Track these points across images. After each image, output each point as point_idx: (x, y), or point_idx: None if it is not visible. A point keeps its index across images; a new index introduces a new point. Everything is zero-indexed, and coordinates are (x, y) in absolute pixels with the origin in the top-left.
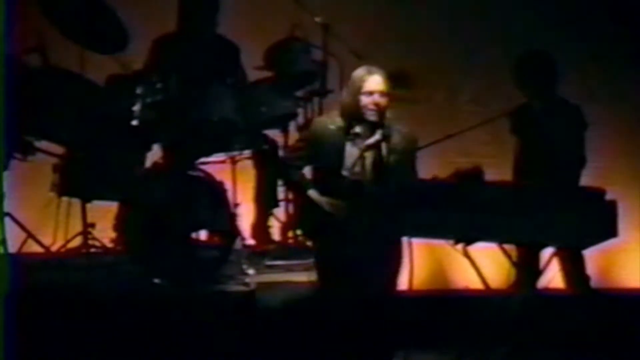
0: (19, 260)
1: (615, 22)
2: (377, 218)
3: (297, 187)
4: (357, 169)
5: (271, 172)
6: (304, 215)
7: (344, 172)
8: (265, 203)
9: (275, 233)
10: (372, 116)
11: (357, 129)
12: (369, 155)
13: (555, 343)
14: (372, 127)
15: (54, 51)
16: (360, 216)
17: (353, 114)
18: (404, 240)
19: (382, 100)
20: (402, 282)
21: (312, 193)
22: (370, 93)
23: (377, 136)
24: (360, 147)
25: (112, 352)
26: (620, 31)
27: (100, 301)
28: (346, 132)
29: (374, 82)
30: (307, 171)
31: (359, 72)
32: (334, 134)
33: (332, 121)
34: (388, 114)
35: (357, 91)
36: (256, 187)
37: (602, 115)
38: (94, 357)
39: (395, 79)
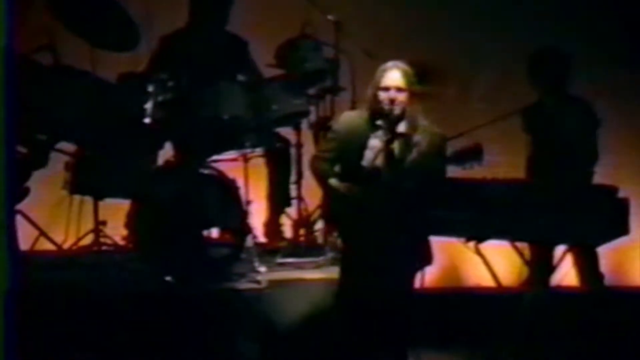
0: (30, 258)
1: (625, 19)
2: (395, 208)
3: (321, 178)
4: (378, 161)
5: (283, 170)
6: (329, 206)
7: (364, 164)
8: (277, 201)
9: (287, 231)
10: (388, 111)
11: (379, 122)
12: (391, 148)
13: (567, 341)
14: (395, 121)
15: (65, 49)
16: (377, 203)
17: (373, 108)
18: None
19: (399, 96)
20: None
21: (333, 181)
22: (387, 89)
23: (400, 129)
24: (382, 140)
25: (123, 350)
26: (632, 28)
27: (112, 299)
28: (370, 126)
29: (390, 78)
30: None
31: (381, 67)
32: (359, 126)
33: (359, 115)
34: (412, 110)
35: (376, 86)
36: (268, 186)
37: (613, 112)
38: (105, 354)
39: (420, 76)
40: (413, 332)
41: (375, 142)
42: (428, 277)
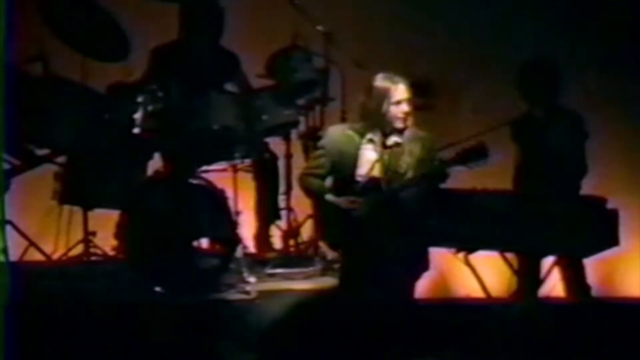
0: (20, 269)
1: (616, 30)
2: (397, 217)
3: (316, 195)
4: (375, 171)
5: (271, 183)
6: (329, 225)
7: (359, 178)
8: (266, 214)
9: (277, 241)
10: (400, 124)
11: (370, 135)
12: (386, 159)
13: (556, 351)
14: (388, 133)
15: (56, 60)
16: (379, 213)
17: (379, 123)
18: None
19: (410, 108)
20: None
21: (329, 197)
22: (398, 102)
23: (395, 139)
24: (377, 151)
25: None
26: (621, 39)
27: (101, 309)
28: (361, 138)
29: (401, 91)
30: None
31: (383, 82)
32: (348, 140)
33: (344, 129)
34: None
35: (383, 101)
36: (257, 199)
37: (602, 124)
38: None
39: (415, 87)
40: (404, 342)
41: (368, 154)
42: (417, 287)
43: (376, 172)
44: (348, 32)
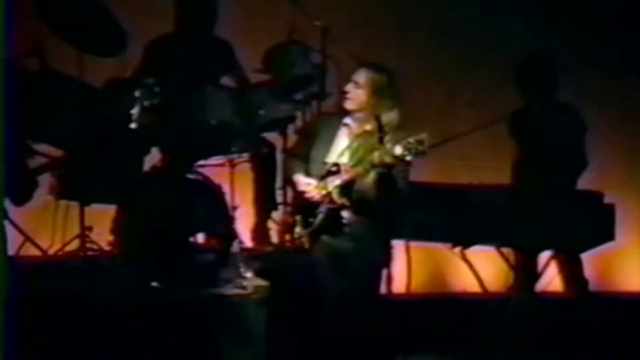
0: (17, 264)
1: (612, 26)
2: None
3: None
4: (343, 159)
5: (269, 175)
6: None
7: (331, 159)
8: (264, 206)
9: (273, 236)
10: (346, 104)
11: (347, 120)
12: (355, 146)
13: (553, 346)
14: (364, 119)
15: (52, 54)
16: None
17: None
18: (401, 243)
19: (355, 92)
20: (400, 286)
21: (296, 177)
22: (350, 82)
23: (366, 127)
24: (349, 137)
25: (109, 356)
26: (617, 34)
27: (98, 304)
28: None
29: (357, 73)
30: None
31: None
32: (327, 125)
33: (328, 116)
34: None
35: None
36: (255, 190)
37: (599, 118)
38: None
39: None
40: (400, 338)
41: (341, 141)
42: (414, 282)
43: (345, 159)
44: (345, 27)
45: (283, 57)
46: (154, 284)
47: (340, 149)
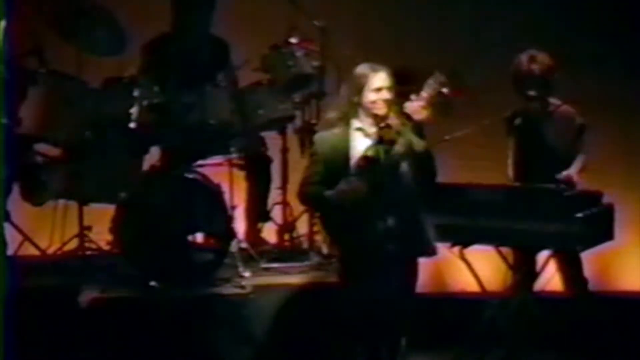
0: (16, 263)
1: (612, 26)
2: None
3: (315, 201)
4: (369, 153)
5: (262, 185)
6: (328, 218)
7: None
8: (254, 216)
9: (272, 236)
10: (379, 110)
11: (358, 124)
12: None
13: (552, 346)
14: (373, 120)
15: (51, 54)
16: (377, 190)
17: (362, 112)
18: None
19: (390, 96)
20: None
21: (328, 192)
22: (379, 90)
23: (388, 120)
24: (369, 137)
25: (108, 355)
26: (616, 34)
27: (97, 304)
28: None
29: (380, 78)
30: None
31: (363, 70)
32: (338, 138)
33: (330, 129)
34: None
35: (363, 88)
36: (247, 199)
37: (597, 117)
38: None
39: (397, 76)
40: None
41: (359, 144)
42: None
43: (370, 154)
44: (344, 27)
45: (282, 57)
46: (152, 283)
47: (364, 147)
